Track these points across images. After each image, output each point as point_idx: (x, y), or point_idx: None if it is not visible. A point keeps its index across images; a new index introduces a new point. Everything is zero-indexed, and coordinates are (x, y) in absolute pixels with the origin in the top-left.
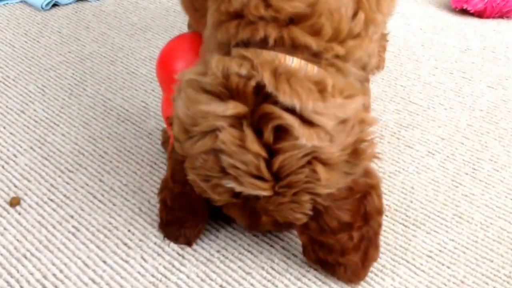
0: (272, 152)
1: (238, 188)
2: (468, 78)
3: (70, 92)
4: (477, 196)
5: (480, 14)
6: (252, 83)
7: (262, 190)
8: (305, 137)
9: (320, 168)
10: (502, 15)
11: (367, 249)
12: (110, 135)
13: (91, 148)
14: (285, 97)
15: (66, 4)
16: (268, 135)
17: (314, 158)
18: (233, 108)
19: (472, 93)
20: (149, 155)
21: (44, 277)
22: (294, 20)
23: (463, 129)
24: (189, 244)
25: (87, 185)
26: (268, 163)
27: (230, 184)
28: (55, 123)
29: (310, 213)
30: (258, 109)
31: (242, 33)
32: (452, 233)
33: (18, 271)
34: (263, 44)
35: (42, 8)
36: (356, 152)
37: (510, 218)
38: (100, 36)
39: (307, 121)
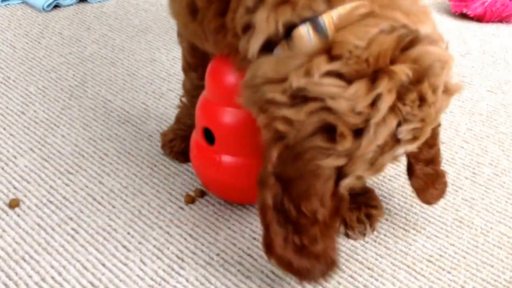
0: None
1: (410, 148)
2: (468, 82)
3: (71, 94)
4: (477, 201)
5: (479, 19)
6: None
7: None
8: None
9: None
10: (501, 19)
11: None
12: (110, 136)
13: (91, 149)
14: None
15: (67, 6)
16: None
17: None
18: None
19: (471, 97)
20: (149, 157)
21: (43, 279)
22: None
23: (463, 133)
24: (336, 264)
25: (87, 187)
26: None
27: (403, 149)
28: (55, 125)
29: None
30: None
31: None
32: (453, 238)
33: (16, 274)
34: None
35: (44, 9)
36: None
37: (510, 223)
38: (101, 37)
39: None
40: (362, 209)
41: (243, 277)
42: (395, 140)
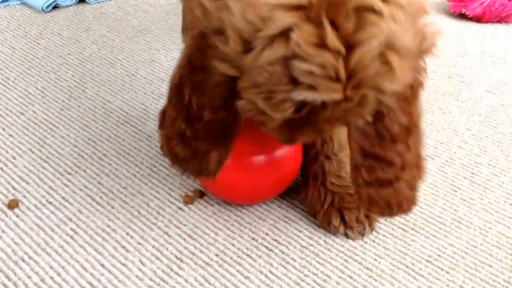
0: (349, 47)
1: (310, 97)
2: (467, 82)
3: (70, 94)
4: (476, 201)
5: (478, 19)
6: None
7: (335, 93)
8: (385, 18)
9: (394, 57)
10: (500, 19)
11: (418, 163)
12: (109, 137)
13: (90, 150)
14: None
15: (67, 6)
16: (348, 24)
17: (387, 46)
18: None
19: (470, 98)
20: (148, 157)
21: (42, 280)
22: None
23: (462, 133)
24: (214, 175)
25: (86, 187)
26: (345, 60)
27: (301, 95)
28: (54, 125)
29: (369, 118)
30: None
31: None
32: (451, 238)
33: (15, 274)
34: None
35: (43, 10)
36: (420, 42)
37: (509, 223)
38: (100, 38)
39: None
40: (361, 209)
41: (242, 278)
42: (289, 77)
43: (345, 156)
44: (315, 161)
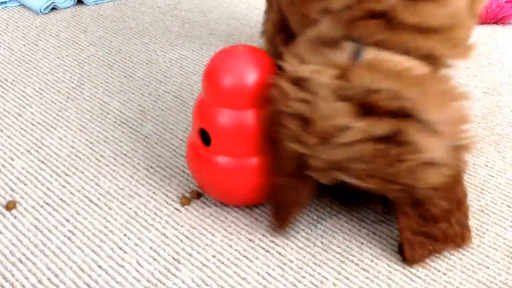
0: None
1: None
2: (463, 83)
3: (68, 96)
4: (473, 202)
5: None
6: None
7: None
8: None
9: (428, 171)
10: (497, 21)
11: (463, 233)
12: (107, 138)
13: (88, 151)
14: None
15: (65, 8)
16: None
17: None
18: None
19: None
20: (145, 158)
21: (39, 281)
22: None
23: None
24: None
25: (83, 188)
26: None
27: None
28: (52, 127)
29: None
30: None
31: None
32: None
33: (13, 275)
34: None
35: (41, 11)
36: (459, 148)
37: (506, 225)
38: (98, 40)
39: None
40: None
41: (239, 279)
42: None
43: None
44: None
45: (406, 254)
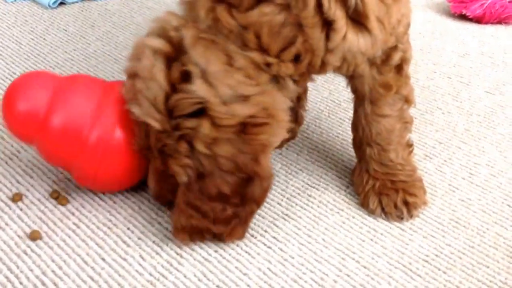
0: (175, 91)
1: (137, 113)
2: (466, 83)
3: None
4: (474, 201)
5: (478, 20)
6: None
7: (154, 120)
8: (199, 89)
9: (205, 123)
10: (500, 21)
11: (236, 226)
12: None
13: None
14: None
15: (73, 3)
16: (175, 73)
17: (205, 110)
18: (160, 44)
19: (469, 98)
20: None
21: (44, 273)
22: None
23: (461, 133)
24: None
25: None
26: (168, 99)
27: (135, 108)
28: None
29: (190, 173)
30: (180, 57)
31: None
32: (449, 238)
33: (18, 267)
34: None
35: (49, 6)
36: (245, 132)
37: (506, 224)
38: (105, 34)
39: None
40: (400, 194)
41: (240, 274)
42: None
43: (387, 144)
44: (360, 146)
45: (173, 222)
